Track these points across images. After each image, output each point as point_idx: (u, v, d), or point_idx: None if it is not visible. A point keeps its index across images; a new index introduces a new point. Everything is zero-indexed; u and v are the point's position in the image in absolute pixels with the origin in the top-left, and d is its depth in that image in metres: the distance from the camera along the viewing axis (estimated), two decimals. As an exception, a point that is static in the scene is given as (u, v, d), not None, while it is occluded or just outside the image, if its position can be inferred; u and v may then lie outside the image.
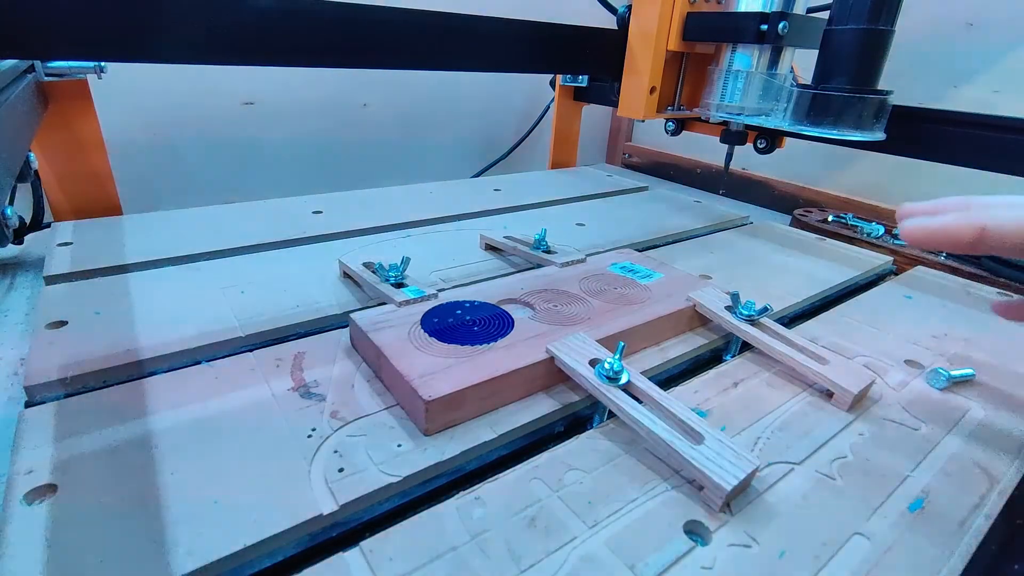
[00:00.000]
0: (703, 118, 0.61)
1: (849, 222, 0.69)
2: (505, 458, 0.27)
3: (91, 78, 0.50)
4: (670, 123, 0.70)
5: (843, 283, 0.48)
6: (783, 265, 0.51)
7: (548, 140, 0.87)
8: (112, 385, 0.29)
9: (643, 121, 0.61)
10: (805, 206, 0.79)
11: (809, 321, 0.42)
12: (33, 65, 0.47)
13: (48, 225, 0.51)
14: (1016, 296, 0.33)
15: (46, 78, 0.48)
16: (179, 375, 0.31)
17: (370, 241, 0.51)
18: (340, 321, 0.37)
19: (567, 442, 0.27)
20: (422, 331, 0.32)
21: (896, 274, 0.53)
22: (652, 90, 0.57)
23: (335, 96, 0.80)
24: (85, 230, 0.49)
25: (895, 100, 0.48)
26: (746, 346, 0.36)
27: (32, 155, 0.47)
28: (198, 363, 0.32)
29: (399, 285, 0.37)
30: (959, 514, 0.25)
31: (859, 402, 0.31)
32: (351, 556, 0.21)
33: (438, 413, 0.27)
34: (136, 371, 0.31)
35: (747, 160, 0.88)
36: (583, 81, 0.79)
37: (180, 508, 0.22)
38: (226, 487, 0.23)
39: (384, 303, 0.35)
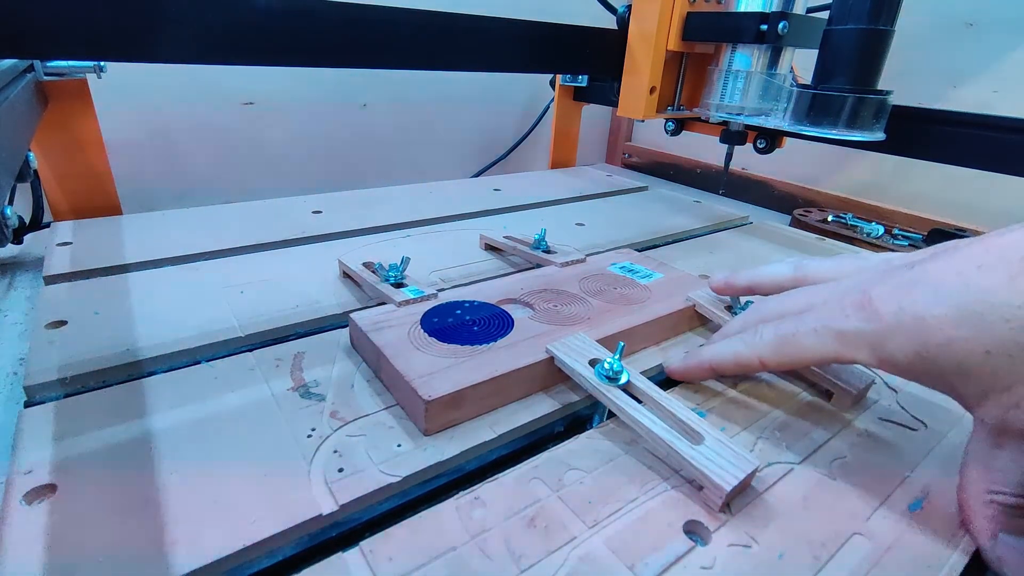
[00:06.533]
0: (703, 118, 0.61)
1: (849, 222, 0.69)
2: (505, 458, 0.27)
3: (91, 78, 0.50)
4: (670, 123, 0.70)
5: (843, 283, 0.48)
6: (783, 265, 0.51)
7: (548, 140, 0.87)
8: (112, 385, 0.29)
9: (643, 121, 0.61)
10: (805, 206, 0.79)
11: (809, 321, 0.41)
12: (32, 65, 0.47)
13: (47, 225, 0.51)
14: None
15: (46, 78, 0.48)
16: (179, 375, 0.31)
17: (370, 241, 0.51)
18: (340, 321, 0.37)
19: (567, 442, 0.27)
20: (422, 331, 0.32)
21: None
22: (652, 90, 0.57)
23: (335, 96, 0.80)
24: (85, 230, 0.49)
25: (895, 100, 0.48)
26: (746, 346, 0.36)
27: (32, 155, 0.47)
28: (198, 363, 0.32)
29: (399, 285, 0.37)
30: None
31: (859, 402, 0.31)
32: (351, 556, 0.21)
33: (438, 413, 0.27)
34: (136, 371, 0.31)
35: (747, 160, 0.88)
36: (583, 81, 0.79)
37: (180, 508, 0.22)
38: (226, 487, 0.23)
39: (384, 303, 0.35)
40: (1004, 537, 0.21)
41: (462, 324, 0.33)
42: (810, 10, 0.54)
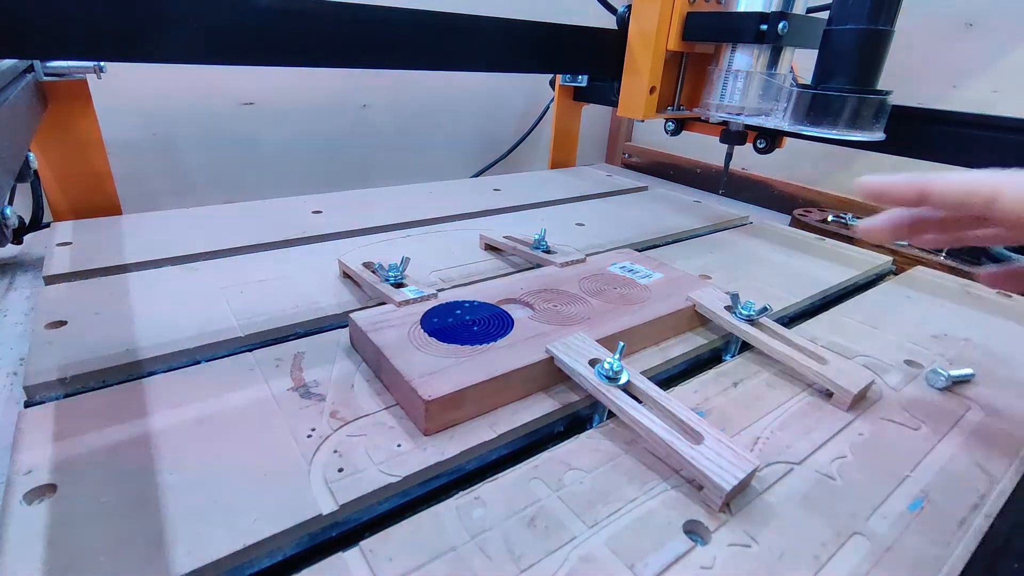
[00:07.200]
0: (703, 118, 0.61)
1: (849, 222, 0.69)
2: (505, 458, 0.27)
3: (91, 78, 0.50)
4: (670, 123, 0.70)
5: (843, 283, 0.48)
6: (783, 265, 0.51)
7: (548, 140, 0.87)
8: (111, 385, 0.29)
9: (643, 121, 0.61)
10: (804, 206, 0.79)
11: (809, 321, 0.42)
12: (32, 65, 0.47)
13: (47, 225, 0.51)
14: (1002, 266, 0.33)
15: (46, 78, 0.48)
16: (179, 375, 0.31)
17: (370, 241, 0.51)
18: (340, 321, 0.37)
19: (567, 442, 0.27)
20: (422, 331, 0.32)
21: (896, 274, 0.53)
22: (652, 90, 0.57)
23: (335, 96, 0.80)
24: (84, 230, 0.49)
25: (895, 100, 0.48)
26: (746, 346, 0.36)
27: (32, 155, 0.47)
28: (198, 363, 0.32)
29: (399, 285, 0.37)
30: (959, 514, 0.25)
31: (859, 402, 0.31)
32: (351, 556, 0.21)
33: (438, 413, 0.27)
34: (135, 371, 0.31)
35: (747, 160, 0.88)
36: (583, 81, 0.79)
37: (180, 508, 0.22)
38: (226, 487, 0.23)
39: (384, 303, 0.35)
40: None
41: (462, 324, 0.33)
42: (810, 10, 0.54)
